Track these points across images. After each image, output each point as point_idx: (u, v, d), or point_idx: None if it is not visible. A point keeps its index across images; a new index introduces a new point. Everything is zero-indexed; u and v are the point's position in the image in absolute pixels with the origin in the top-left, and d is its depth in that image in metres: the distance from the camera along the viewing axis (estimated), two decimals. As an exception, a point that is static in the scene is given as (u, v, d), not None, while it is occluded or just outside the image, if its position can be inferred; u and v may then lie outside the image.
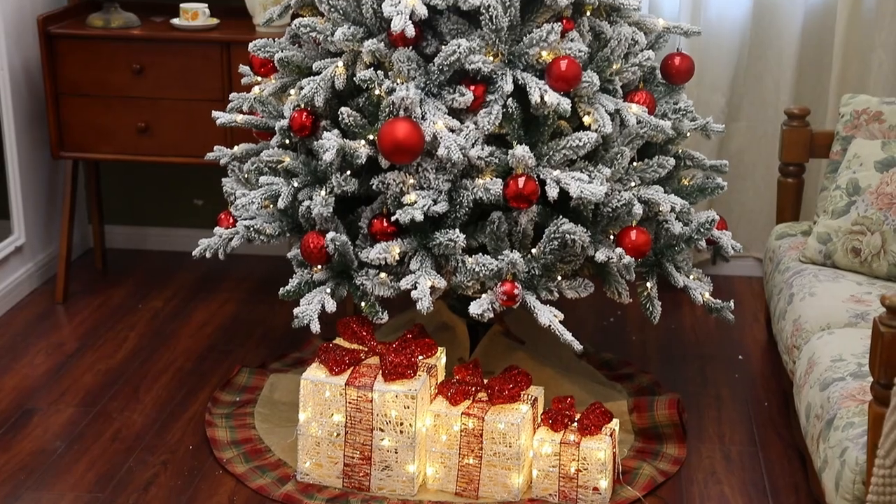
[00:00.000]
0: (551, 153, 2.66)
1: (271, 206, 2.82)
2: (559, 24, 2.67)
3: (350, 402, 2.68)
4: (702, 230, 2.85)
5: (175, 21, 3.73)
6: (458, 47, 2.61)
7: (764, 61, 3.88)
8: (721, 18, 3.84)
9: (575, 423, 2.71)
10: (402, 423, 2.67)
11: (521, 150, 2.61)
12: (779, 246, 3.31)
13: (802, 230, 3.35)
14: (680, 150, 2.99)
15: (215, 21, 3.75)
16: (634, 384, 3.24)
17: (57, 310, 3.79)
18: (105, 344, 3.53)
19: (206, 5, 3.74)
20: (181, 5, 3.72)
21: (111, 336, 3.59)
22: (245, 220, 2.84)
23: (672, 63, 2.96)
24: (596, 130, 2.68)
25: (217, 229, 2.91)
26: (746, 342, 3.58)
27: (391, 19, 2.59)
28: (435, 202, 2.63)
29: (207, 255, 2.88)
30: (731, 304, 2.95)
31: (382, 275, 2.71)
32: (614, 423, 2.74)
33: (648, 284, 2.86)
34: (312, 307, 2.69)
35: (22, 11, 3.80)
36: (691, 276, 2.91)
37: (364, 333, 2.80)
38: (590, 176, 2.66)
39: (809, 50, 3.85)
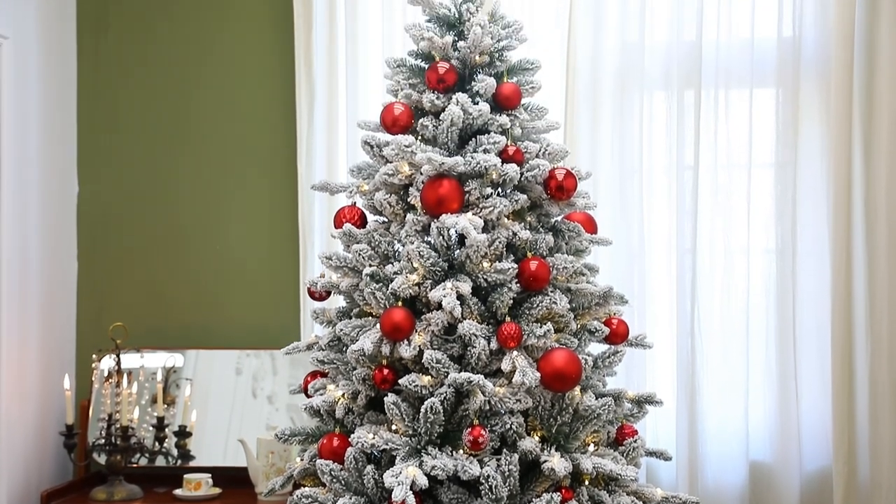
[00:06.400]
0: None
1: None
2: (558, 493, 2.69)
3: None
4: None
5: (178, 492, 3.76)
6: (459, 517, 2.63)
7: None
8: (718, 485, 3.86)
9: None
10: None
11: None
12: None
13: None
14: None
15: (218, 490, 3.78)
16: None
17: None
18: None
19: (210, 475, 3.80)
20: (185, 476, 3.77)
21: None
22: None
23: (678, 543, 2.95)
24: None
25: None
26: None
27: (392, 489, 2.62)
28: None
29: None
30: None
31: None
32: None
33: None
34: None
35: (28, 486, 3.84)
36: None
37: None
38: None
39: (811, 518, 3.85)
